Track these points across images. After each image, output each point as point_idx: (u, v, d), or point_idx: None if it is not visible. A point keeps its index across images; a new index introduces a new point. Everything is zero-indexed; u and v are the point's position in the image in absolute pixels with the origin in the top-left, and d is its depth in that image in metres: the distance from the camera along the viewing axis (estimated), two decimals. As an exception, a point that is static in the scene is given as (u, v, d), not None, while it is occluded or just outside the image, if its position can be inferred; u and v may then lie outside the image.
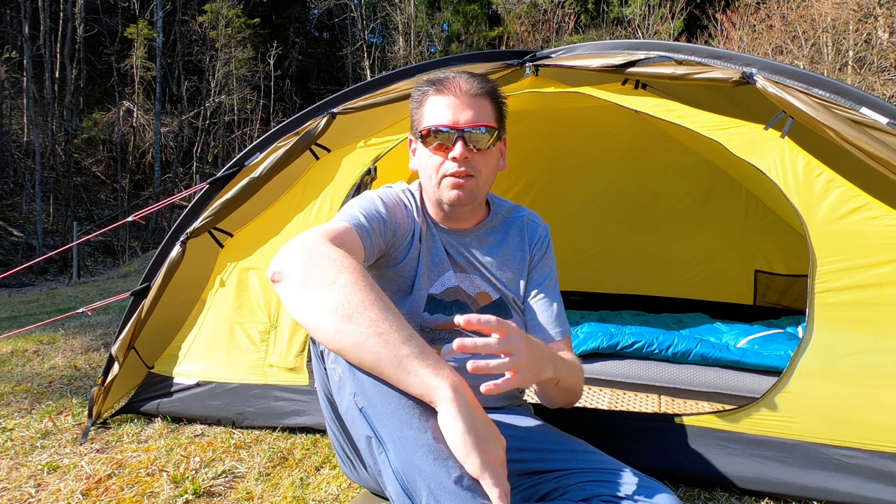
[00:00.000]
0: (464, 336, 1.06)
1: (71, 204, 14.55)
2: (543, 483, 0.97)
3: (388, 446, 0.77)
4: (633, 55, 1.54)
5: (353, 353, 0.78)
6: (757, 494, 1.28)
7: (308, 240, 0.87)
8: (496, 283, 1.15)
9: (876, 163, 1.26)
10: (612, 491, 0.89)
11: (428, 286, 1.10)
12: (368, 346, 0.77)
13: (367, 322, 0.77)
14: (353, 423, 0.83)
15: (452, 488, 0.72)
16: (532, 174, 3.12)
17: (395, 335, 0.77)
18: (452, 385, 0.75)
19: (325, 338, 0.80)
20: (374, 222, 1.01)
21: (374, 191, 1.10)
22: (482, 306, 1.13)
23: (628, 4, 15.93)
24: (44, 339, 3.15)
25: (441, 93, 1.05)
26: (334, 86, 20.33)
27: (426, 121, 1.06)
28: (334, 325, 0.78)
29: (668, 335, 1.87)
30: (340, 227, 0.94)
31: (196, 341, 1.81)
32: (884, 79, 9.53)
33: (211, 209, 1.78)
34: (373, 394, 0.79)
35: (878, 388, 1.20)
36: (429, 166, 1.07)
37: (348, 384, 0.82)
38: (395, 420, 0.76)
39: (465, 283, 1.14)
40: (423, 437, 0.74)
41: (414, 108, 1.10)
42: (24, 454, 1.59)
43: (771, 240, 2.72)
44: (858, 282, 1.24)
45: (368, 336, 0.77)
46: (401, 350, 0.76)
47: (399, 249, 1.08)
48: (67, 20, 15.67)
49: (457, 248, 1.15)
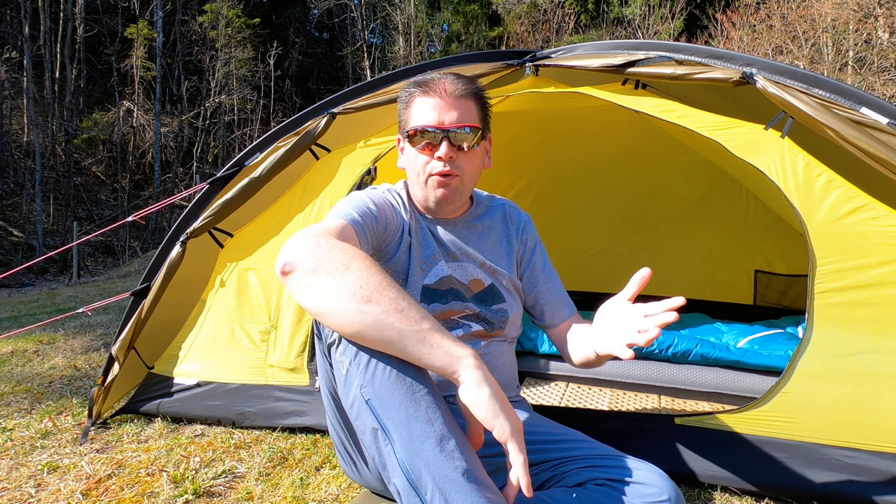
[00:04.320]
0: (459, 324, 1.13)
1: (71, 204, 14.55)
2: (541, 473, 1.00)
3: (395, 438, 0.78)
4: (633, 55, 1.54)
5: (374, 331, 0.79)
6: (757, 494, 1.28)
7: (313, 233, 0.88)
8: (489, 268, 1.19)
9: (876, 163, 1.26)
10: (605, 474, 0.92)
11: (422, 278, 1.12)
12: (391, 323, 0.78)
13: (388, 300, 0.79)
14: (359, 416, 0.83)
15: (459, 480, 0.73)
16: (532, 174, 3.12)
17: (414, 312, 0.79)
18: (474, 354, 0.79)
19: (343, 320, 0.80)
20: (366, 219, 1.02)
21: (360, 192, 1.12)
22: (475, 293, 1.16)
23: (628, 4, 15.93)
24: (44, 339, 3.15)
25: (427, 94, 1.08)
26: (334, 86, 20.32)
27: (413, 121, 1.09)
28: (354, 306, 0.79)
29: (667, 335, 1.87)
30: (338, 224, 0.95)
31: (196, 341, 1.81)
32: (884, 79, 9.52)
33: (211, 209, 1.78)
34: (381, 384, 0.80)
35: (879, 389, 1.20)
36: (416, 165, 1.11)
37: (355, 376, 0.83)
38: (401, 412, 0.77)
39: (457, 271, 1.16)
40: (429, 430, 0.76)
41: (401, 109, 1.13)
42: (24, 454, 1.59)
43: (771, 240, 2.71)
44: (858, 282, 1.24)
45: (390, 313, 0.78)
46: (422, 325, 0.79)
47: (390, 245, 1.10)
48: (67, 20, 15.67)
49: (448, 238, 1.17)
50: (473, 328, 1.14)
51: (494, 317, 1.16)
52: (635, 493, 0.88)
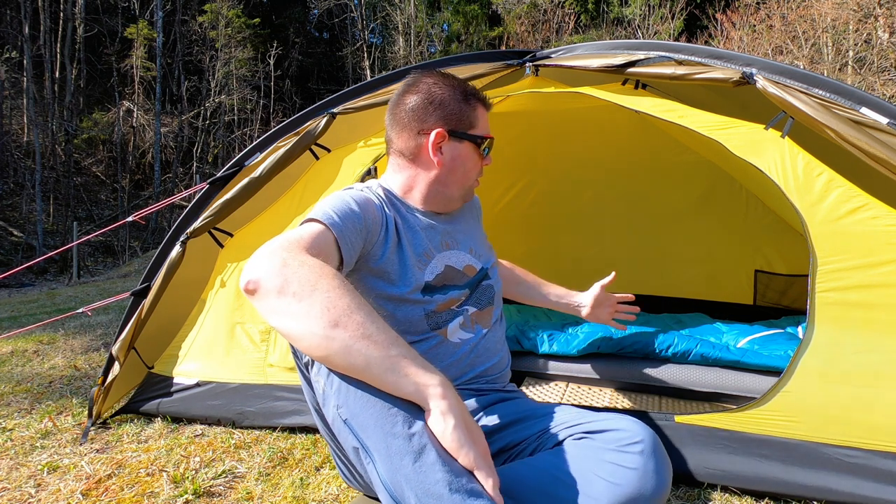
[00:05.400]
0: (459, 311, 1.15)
1: (71, 204, 14.55)
2: (528, 447, 1.01)
3: (375, 456, 0.78)
4: (633, 55, 1.54)
5: (341, 357, 0.77)
6: (757, 494, 1.28)
7: (281, 246, 0.84)
8: (475, 252, 1.23)
9: (876, 163, 1.26)
10: (581, 429, 0.93)
11: (421, 275, 1.10)
12: (359, 349, 0.76)
13: (355, 325, 0.76)
14: (340, 434, 0.84)
15: (441, 493, 0.73)
16: (532, 174, 3.12)
17: (382, 337, 0.77)
18: (441, 382, 0.78)
19: (310, 344, 0.78)
20: (348, 220, 0.99)
21: (341, 192, 1.09)
22: (470, 278, 1.18)
23: (628, 4, 15.92)
24: (44, 339, 3.14)
25: (485, 105, 1.18)
26: (334, 86, 20.32)
27: (482, 128, 1.17)
28: (321, 331, 0.76)
29: (668, 335, 1.87)
30: (314, 231, 0.92)
31: (196, 341, 1.81)
32: (884, 79, 9.52)
33: (211, 209, 1.78)
34: (355, 405, 0.79)
35: (879, 388, 1.20)
36: (470, 167, 1.17)
37: (331, 396, 0.82)
38: (378, 430, 0.77)
39: (451, 260, 1.17)
40: (406, 446, 0.75)
41: (458, 103, 1.14)
42: (24, 454, 1.59)
43: (771, 240, 2.71)
44: (859, 281, 1.24)
45: (357, 339, 0.76)
46: (390, 351, 0.77)
47: (377, 245, 1.07)
48: (67, 20, 15.67)
49: (441, 228, 1.19)
50: (470, 311, 1.16)
51: (484, 295, 1.20)
52: (610, 439, 0.88)
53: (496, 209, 3.06)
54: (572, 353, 1.87)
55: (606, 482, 0.84)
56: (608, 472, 0.84)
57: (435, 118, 1.12)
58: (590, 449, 0.89)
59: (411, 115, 1.13)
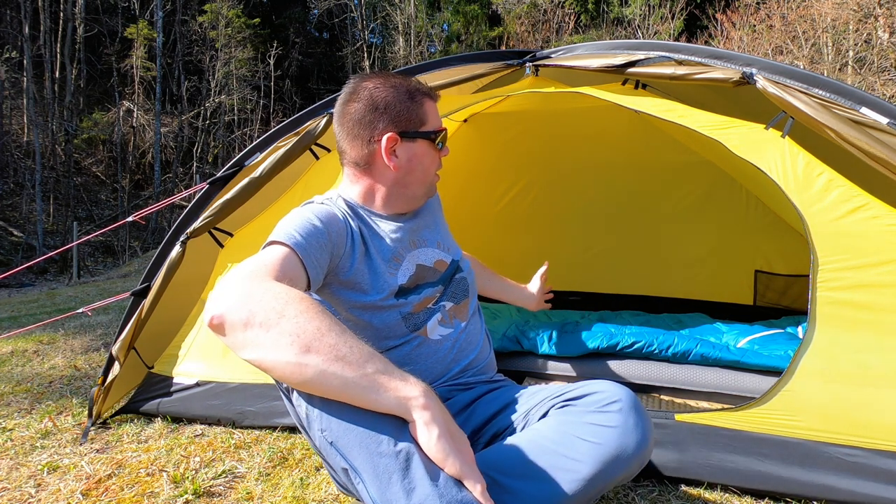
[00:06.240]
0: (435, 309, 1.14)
1: (71, 204, 14.55)
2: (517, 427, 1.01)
3: (364, 477, 0.78)
4: (633, 55, 1.54)
5: (317, 383, 0.76)
6: (757, 493, 1.28)
7: (243, 276, 0.83)
8: (444, 246, 1.22)
9: (876, 163, 1.26)
10: (562, 398, 0.94)
11: (393, 280, 1.09)
12: (333, 372, 0.75)
13: (327, 348, 0.75)
14: (328, 456, 0.83)
15: None
16: (532, 174, 3.12)
17: (356, 356, 0.76)
18: (423, 392, 0.78)
19: (284, 373, 0.76)
20: (311, 238, 0.96)
21: (299, 208, 1.07)
22: (441, 273, 1.18)
23: (628, 4, 15.92)
24: (44, 339, 3.15)
25: (431, 98, 1.14)
26: (334, 86, 20.29)
27: (433, 122, 1.13)
28: (293, 359, 0.75)
29: (668, 335, 1.87)
30: (277, 255, 0.90)
31: (196, 341, 1.81)
32: (884, 79, 9.53)
33: (211, 209, 1.78)
34: (338, 428, 0.78)
35: (880, 387, 1.20)
36: (427, 164, 1.14)
37: (315, 420, 0.82)
38: (364, 451, 0.77)
39: (421, 258, 1.16)
40: (394, 464, 0.75)
41: (404, 102, 1.10)
42: (24, 454, 1.59)
43: (771, 240, 2.71)
44: (859, 281, 1.24)
45: (331, 362, 0.75)
46: (366, 369, 0.76)
47: (344, 257, 1.05)
48: (67, 20, 15.67)
49: (407, 227, 1.17)
50: (447, 307, 1.16)
51: (459, 288, 1.19)
52: (590, 402, 0.90)
53: (496, 209, 3.05)
54: (572, 353, 1.87)
55: (589, 443, 0.85)
56: (589, 433, 0.86)
57: (384, 123, 1.08)
58: (571, 414, 0.90)
59: (359, 124, 1.09)
